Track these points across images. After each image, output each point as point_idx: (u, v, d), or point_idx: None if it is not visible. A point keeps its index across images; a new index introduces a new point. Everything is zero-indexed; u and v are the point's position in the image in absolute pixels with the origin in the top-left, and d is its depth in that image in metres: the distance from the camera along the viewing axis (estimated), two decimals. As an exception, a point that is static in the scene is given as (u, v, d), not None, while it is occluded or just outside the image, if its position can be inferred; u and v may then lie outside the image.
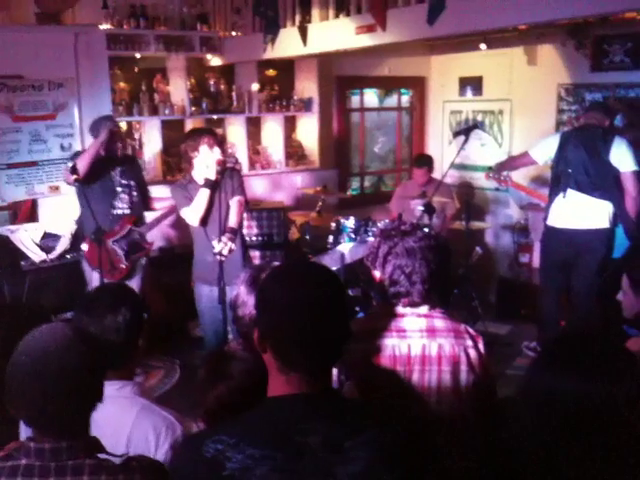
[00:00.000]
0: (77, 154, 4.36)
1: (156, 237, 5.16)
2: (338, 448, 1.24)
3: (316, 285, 1.34)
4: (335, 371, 1.88)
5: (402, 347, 2.00)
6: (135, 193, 4.48)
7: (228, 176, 4.01)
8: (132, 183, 4.46)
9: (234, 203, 3.98)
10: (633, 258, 4.74)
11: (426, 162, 5.92)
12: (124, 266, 4.41)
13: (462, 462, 1.97)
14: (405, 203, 5.79)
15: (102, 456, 1.52)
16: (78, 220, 4.56)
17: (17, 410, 1.49)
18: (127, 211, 4.44)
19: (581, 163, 4.48)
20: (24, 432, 1.79)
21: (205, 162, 3.88)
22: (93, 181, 4.25)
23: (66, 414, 1.47)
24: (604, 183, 4.48)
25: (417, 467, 1.30)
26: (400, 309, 2.07)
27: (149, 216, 4.67)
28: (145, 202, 4.63)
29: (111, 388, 1.91)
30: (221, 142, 4.09)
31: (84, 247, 4.33)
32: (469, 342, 2.04)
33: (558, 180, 4.61)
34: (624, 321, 4.86)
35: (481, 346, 2.07)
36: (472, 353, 2.02)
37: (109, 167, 4.37)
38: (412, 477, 1.28)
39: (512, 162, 5.26)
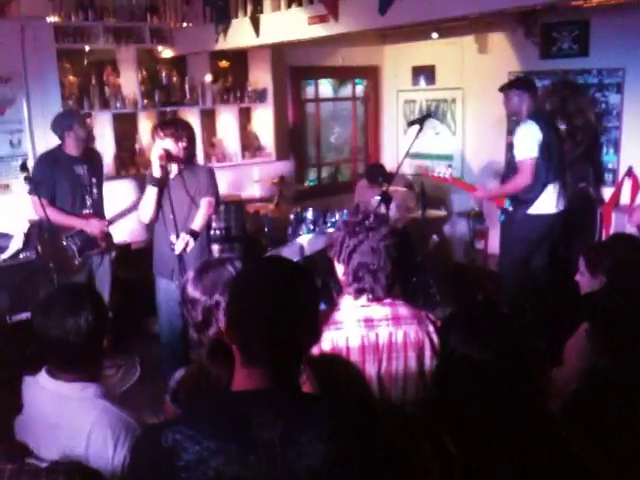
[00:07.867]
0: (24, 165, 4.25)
1: (113, 233, 5.08)
2: (295, 442, 1.25)
3: (284, 284, 1.36)
4: None
5: (371, 336, 2.03)
6: (95, 190, 4.47)
7: (198, 172, 3.91)
8: (94, 180, 4.45)
9: (203, 204, 3.87)
10: (587, 240, 4.82)
11: (379, 178, 5.57)
12: (77, 262, 4.38)
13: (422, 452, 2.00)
14: (368, 196, 5.79)
15: (31, 460, 1.56)
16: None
17: None
18: (88, 210, 4.44)
19: (555, 148, 4.55)
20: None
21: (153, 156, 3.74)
22: (59, 179, 4.28)
23: None
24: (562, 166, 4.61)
25: (375, 460, 1.32)
26: (364, 300, 2.09)
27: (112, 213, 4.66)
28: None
29: (73, 389, 1.88)
30: (178, 135, 3.75)
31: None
32: (431, 327, 2.09)
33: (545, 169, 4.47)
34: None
35: (442, 330, 2.11)
36: (435, 338, 2.06)
37: (75, 165, 4.36)
38: (369, 470, 1.30)
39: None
